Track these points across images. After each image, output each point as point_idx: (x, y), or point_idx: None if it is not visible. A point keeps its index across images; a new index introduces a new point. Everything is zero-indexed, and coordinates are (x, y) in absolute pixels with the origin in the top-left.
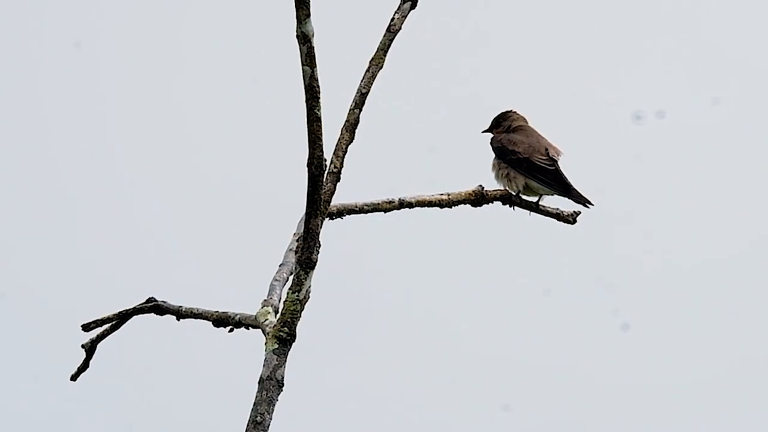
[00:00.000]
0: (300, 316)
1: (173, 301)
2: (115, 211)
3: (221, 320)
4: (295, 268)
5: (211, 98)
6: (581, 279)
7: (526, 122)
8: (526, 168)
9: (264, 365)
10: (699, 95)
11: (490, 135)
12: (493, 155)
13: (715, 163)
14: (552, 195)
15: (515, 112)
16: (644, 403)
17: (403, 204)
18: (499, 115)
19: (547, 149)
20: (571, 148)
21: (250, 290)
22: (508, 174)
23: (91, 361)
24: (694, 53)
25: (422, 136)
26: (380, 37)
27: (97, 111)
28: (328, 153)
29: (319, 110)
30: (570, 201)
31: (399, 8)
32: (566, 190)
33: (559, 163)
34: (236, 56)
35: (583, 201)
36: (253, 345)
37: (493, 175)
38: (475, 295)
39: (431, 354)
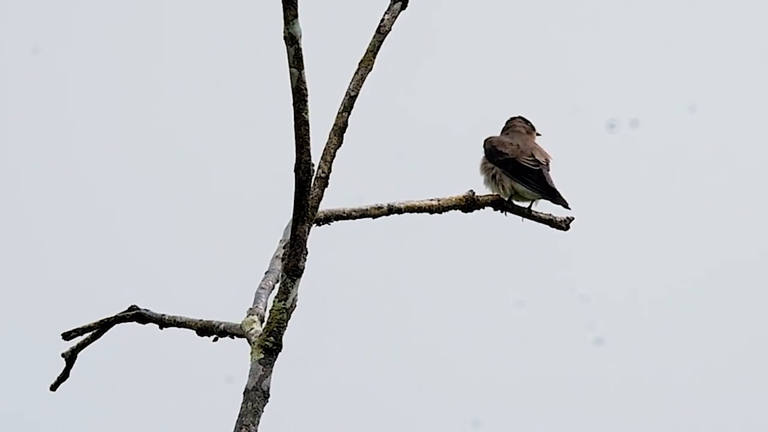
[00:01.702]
0: (286, 325)
1: (156, 309)
2: (97, 218)
3: (205, 329)
4: (282, 276)
5: (193, 102)
6: (554, 291)
7: (531, 129)
8: (512, 169)
9: (249, 375)
10: (674, 102)
11: (487, 136)
12: (482, 156)
13: (691, 172)
14: (538, 198)
15: (521, 119)
16: (617, 419)
17: (392, 210)
18: (508, 120)
19: (533, 152)
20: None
21: (235, 298)
22: (494, 176)
23: (71, 371)
24: (669, 59)
25: (411, 141)
26: (370, 38)
27: (75, 117)
28: (315, 157)
29: (306, 113)
30: (559, 206)
31: (389, 8)
32: (548, 191)
33: (546, 166)
34: (220, 58)
35: (563, 203)
36: (238, 355)
37: (482, 179)
38: (451, 306)
39: (411, 363)
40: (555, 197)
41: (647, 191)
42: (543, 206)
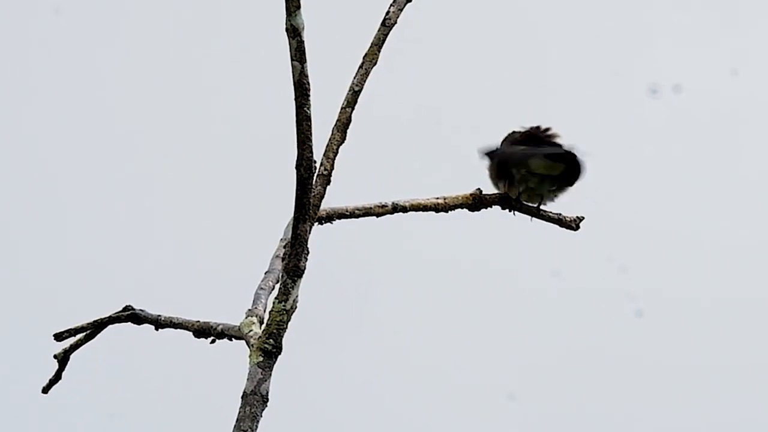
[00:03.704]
0: (286, 327)
1: (152, 310)
2: (91, 213)
3: (202, 330)
4: (282, 276)
5: (192, 93)
6: (592, 260)
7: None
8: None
9: (248, 379)
10: (717, 66)
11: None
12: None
13: (735, 139)
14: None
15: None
16: (657, 393)
17: (396, 208)
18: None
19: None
20: (583, 124)
21: (234, 299)
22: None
23: (63, 373)
24: (711, 21)
25: (417, 137)
26: (374, 32)
27: (79, 99)
28: (317, 154)
29: (308, 109)
30: (570, 199)
31: (395, 0)
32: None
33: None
34: (220, 49)
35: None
36: (236, 357)
37: (491, 183)
38: (484, 278)
39: (429, 352)
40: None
41: (689, 157)
42: (552, 206)
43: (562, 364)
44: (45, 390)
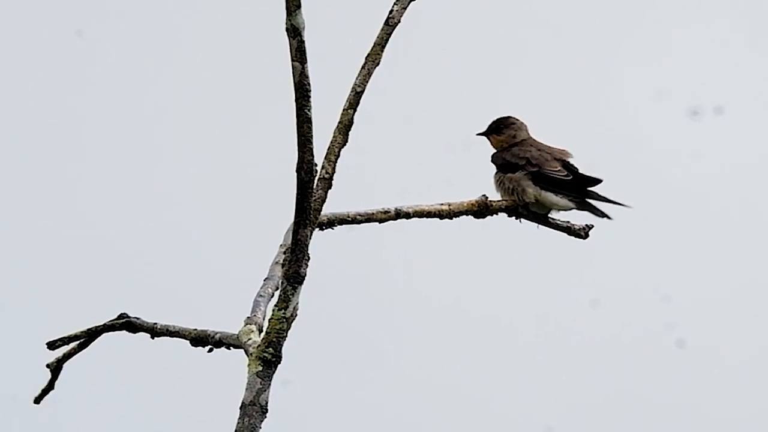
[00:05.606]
0: (286, 336)
1: (147, 318)
2: (87, 220)
3: (200, 339)
4: (282, 283)
5: (192, 97)
6: (633, 290)
7: (527, 131)
8: (537, 180)
9: (246, 389)
10: (759, 88)
11: (490, 138)
12: (495, 170)
13: None
14: (567, 210)
15: (516, 119)
16: (699, 428)
17: (399, 214)
18: (498, 120)
19: (561, 157)
20: (622, 145)
21: (232, 306)
22: (515, 188)
23: (56, 383)
24: (753, 42)
25: (422, 141)
26: (377, 31)
27: (90, 115)
28: (319, 157)
29: (309, 110)
30: (582, 213)
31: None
32: (583, 202)
33: (573, 166)
34: (220, 51)
35: (601, 214)
36: (234, 366)
37: (499, 193)
38: (508, 305)
39: (448, 373)
40: (594, 209)
41: (733, 181)
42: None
43: (600, 397)
44: (37, 400)
